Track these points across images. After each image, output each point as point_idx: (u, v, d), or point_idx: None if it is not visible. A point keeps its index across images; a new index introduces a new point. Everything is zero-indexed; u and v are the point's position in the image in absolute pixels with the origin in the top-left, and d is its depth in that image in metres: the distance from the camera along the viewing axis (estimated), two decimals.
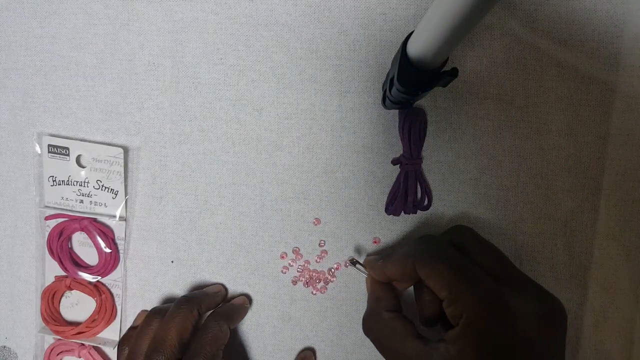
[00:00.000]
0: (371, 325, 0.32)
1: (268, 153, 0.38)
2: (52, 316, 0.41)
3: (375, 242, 0.37)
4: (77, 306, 0.41)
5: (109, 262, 0.40)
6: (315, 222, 0.38)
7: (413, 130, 0.35)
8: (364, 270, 0.36)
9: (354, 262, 0.37)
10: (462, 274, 0.28)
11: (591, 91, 0.35)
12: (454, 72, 0.26)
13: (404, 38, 0.26)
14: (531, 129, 0.35)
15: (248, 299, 0.39)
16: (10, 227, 0.42)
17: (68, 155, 0.39)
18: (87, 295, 0.41)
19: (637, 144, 0.35)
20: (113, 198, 0.39)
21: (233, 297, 0.39)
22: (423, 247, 0.30)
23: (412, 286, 0.34)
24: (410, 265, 0.30)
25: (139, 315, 0.39)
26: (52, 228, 0.40)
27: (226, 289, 0.39)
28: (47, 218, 0.40)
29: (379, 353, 0.30)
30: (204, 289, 0.39)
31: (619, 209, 0.35)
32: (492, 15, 0.35)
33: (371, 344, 0.31)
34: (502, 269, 0.30)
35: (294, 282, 0.39)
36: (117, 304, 0.41)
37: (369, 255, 0.37)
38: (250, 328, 0.39)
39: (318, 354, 0.39)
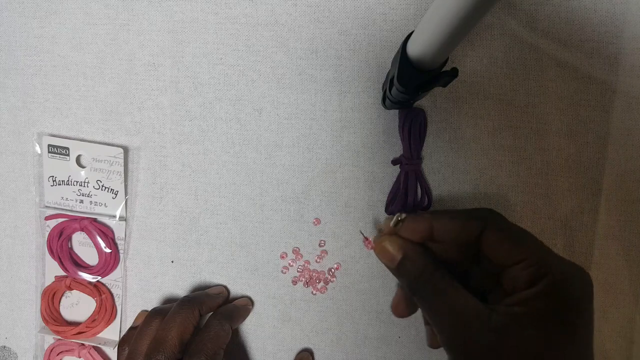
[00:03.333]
0: (424, 281, 0.29)
1: (268, 153, 0.38)
2: (52, 316, 0.41)
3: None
4: (77, 306, 0.41)
5: (109, 262, 0.40)
6: (315, 222, 0.38)
7: (413, 130, 0.35)
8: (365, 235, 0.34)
9: (400, 219, 0.32)
10: (539, 242, 0.28)
11: (591, 91, 0.35)
12: (454, 72, 0.26)
13: (404, 38, 0.26)
14: (531, 129, 0.35)
15: (250, 301, 0.39)
16: (10, 227, 0.42)
17: (68, 155, 0.39)
18: (87, 295, 0.41)
19: (637, 144, 0.35)
20: (113, 198, 0.39)
21: (235, 299, 0.39)
22: (494, 213, 0.30)
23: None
24: (475, 228, 0.29)
25: (139, 315, 0.39)
26: (52, 228, 0.40)
27: (228, 291, 0.39)
28: (47, 218, 0.40)
29: (430, 321, 0.29)
30: (206, 290, 0.39)
31: (619, 209, 0.35)
32: (492, 15, 0.35)
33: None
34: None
35: (294, 282, 0.39)
36: (117, 304, 0.41)
37: (398, 215, 0.33)
38: (250, 328, 0.39)
39: (318, 354, 0.39)
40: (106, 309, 0.40)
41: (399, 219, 0.32)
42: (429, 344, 0.35)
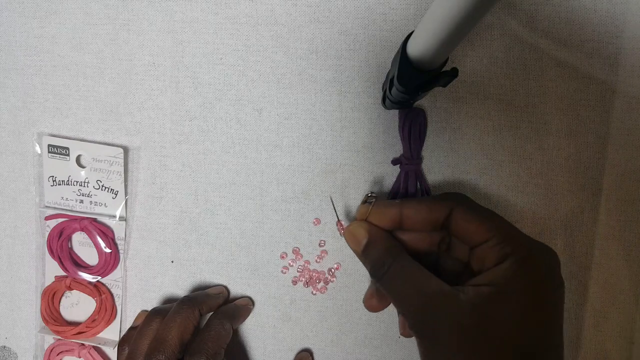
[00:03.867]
0: (389, 264, 0.29)
1: (268, 153, 0.38)
2: (52, 316, 0.41)
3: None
4: (77, 306, 0.41)
5: (109, 262, 0.40)
6: (315, 222, 0.38)
7: (413, 130, 0.35)
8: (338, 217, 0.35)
9: (371, 198, 0.32)
10: (505, 221, 0.29)
11: (591, 91, 0.35)
12: (454, 72, 0.26)
13: (404, 38, 0.26)
14: (531, 129, 0.35)
15: (250, 301, 0.39)
16: (10, 227, 0.42)
17: (68, 155, 0.39)
18: (87, 295, 0.41)
19: (637, 144, 0.35)
20: (113, 198, 0.39)
21: (235, 299, 0.39)
22: (460, 195, 0.31)
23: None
24: (443, 209, 0.29)
25: (138, 315, 0.39)
26: (52, 228, 0.40)
27: (228, 291, 0.39)
28: (47, 218, 0.40)
29: (395, 305, 0.29)
30: (206, 290, 0.39)
31: (619, 209, 0.35)
32: (492, 15, 0.35)
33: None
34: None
35: (294, 282, 0.39)
36: (117, 304, 0.41)
37: (369, 196, 0.33)
38: (250, 328, 0.39)
39: (318, 354, 0.39)
40: (106, 309, 0.40)
41: (369, 196, 0.32)
42: (401, 333, 0.35)
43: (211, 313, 0.36)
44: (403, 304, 0.28)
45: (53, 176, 0.40)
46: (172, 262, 0.40)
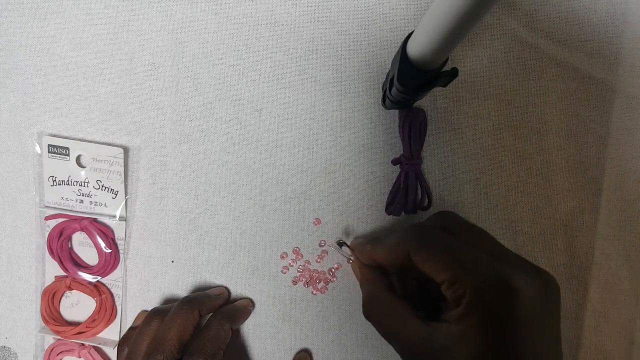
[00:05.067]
0: (371, 308, 0.31)
1: (268, 153, 0.38)
2: (52, 316, 0.41)
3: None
4: (77, 306, 0.41)
5: (109, 262, 0.40)
6: (315, 222, 0.38)
7: (413, 130, 0.35)
8: (348, 254, 0.36)
9: (340, 244, 0.36)
10: (459, 256, 0.28)
11: (591, 91, 0.35)
12: (454, 72, 0.26)
13: (404, 38, 0.26)
14: (531, 129, 0.35)
15: (251, 302, 0.39)
16: (10, 227, 0.42)
17: (68, 155, 0.39)
18: (87, 295, 0.41)
19: (637, 144, 0.35)
20: (113, 198, 0.39)
21: (236, 300, 0.39)
22: (416, 234, 0.30)
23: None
24: (403, 252, 0.29)
25: (138, 315, 0.39)
26: (52, 228, 0.40)
27: (229, 292, 0.39)
28: (47, 218, 0.40)
29: (383, 337, 0.30)
30: (207, 291, 0.39)
31: (619, 209, 0.35)
32: (492, 15, 0.35)
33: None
34: (492, 248, 0.29)
35: (294, 282, 0.39)
36: (117, 304, 0.41)
37: (356, 238, 0.37)
38: (250, 328, 0.39)
39: (318, 353, 0.39)
40: (106, 309, 0.40)
41: (337, 242, 0.37)
42: None
43: (211, 314, 0.36)
44: (391, 344, 0.29)
45: (53, 176, 0.40)
46: (173, 262, 0.40)
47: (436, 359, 0.26)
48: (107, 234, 0.40)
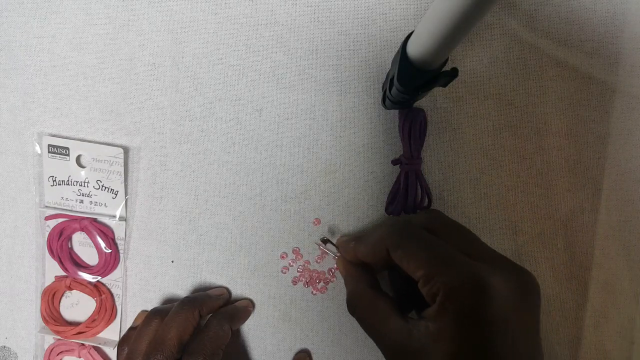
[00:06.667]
0: (355, 305, 0.32)
1: (268, 153, 0.38)
2: (52, 316, 0.41)
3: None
4: (77, 306, 0.41)
5: (109, 262, 0.40)
6: (315, 222, 0.38)
7: (413, 130, 0.35)
8: (334, 252, 0.36)
9: (325, 241, 0.36)
10: (436, 253, 0.28)
11: (591, 91, 0.35)
12: (454, 72, 0.26)
13: (404, 38, 0.26)
14: (531, 129, 0.35)
15: (251, 303, 0.39)
16: (10, 227, 0.42)
17: (68, 155, 0.39)
18: (87, 295, 0.41)
19: (637, 144, 0.35)
20: (113, 198, 0.39)
21: (236, 301, 0.39)
22: (395, 231, 0.30)
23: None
24: (383, 249, 0.30)
25: (138, 315, 0.39)
26: (52, 228, 0.40)
27: (230, 293, 0.39)
28: (47, 218, 0.40)
29: (366, 333, 0.30)
30: (207, 291, 0.39)
31: (619, 209, 0.35)
32: (492, 15, 0.35)
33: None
34: (473, 246, 0.30)
35: (294, 282, 0.39)
36: (117, 304, 0.41)
37: (342, 236, 0.37)
38: (250, 328, 0.39)
39: (318, 354, 0.39)
40: (106, 309, 0.40)
41: (322, 239, 0.37)
42: None
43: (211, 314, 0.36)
44: (373, 340, 0.30)
45: (53, 176, 0.40)
46: (172, 262, 0.40)
47: (415, 356, 0.26)
48: (107, 234, 0.40)
